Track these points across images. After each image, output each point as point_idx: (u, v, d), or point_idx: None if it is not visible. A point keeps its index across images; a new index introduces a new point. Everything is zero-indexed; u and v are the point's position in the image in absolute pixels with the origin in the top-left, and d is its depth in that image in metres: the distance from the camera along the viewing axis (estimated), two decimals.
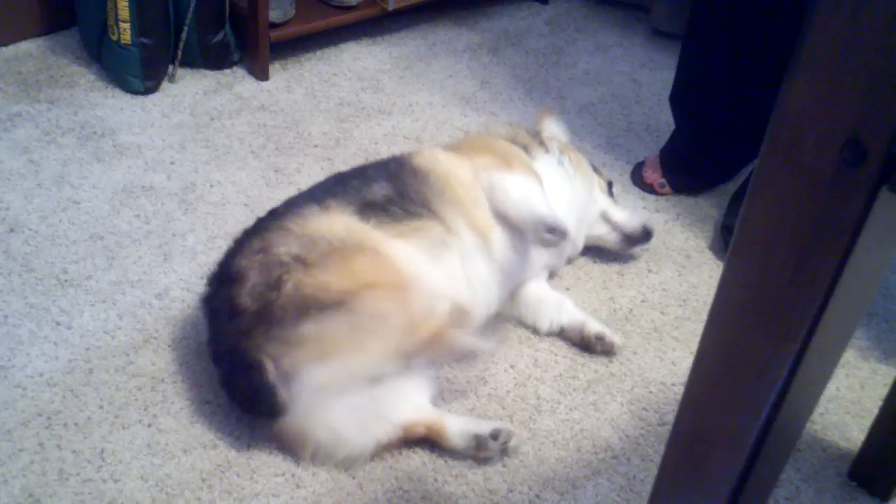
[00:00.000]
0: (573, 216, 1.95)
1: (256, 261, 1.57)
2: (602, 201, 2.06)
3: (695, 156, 2.28)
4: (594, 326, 1.83)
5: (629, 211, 2.11)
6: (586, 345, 1.84)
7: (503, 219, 1.80)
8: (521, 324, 1.90)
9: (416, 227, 1.70)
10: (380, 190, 1.73)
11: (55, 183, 2.15)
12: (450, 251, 1.72)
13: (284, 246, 1.58)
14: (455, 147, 1.94)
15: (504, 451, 1.61)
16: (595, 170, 2.12)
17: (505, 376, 1.79)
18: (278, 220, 1.66)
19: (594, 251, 2.10)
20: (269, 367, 1.49)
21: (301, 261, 1.55)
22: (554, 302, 1.89)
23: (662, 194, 2.30)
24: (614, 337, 1.83)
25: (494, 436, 1.57)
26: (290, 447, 1.59)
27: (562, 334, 1.87)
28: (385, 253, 1.62)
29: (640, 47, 2.96)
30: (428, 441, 1.62)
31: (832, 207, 0.75)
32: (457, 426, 1.60)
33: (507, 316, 1.91)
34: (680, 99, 2.27)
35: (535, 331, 1.89)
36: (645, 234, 2.07)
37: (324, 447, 1.56)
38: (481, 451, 1.58)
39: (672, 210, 2.27)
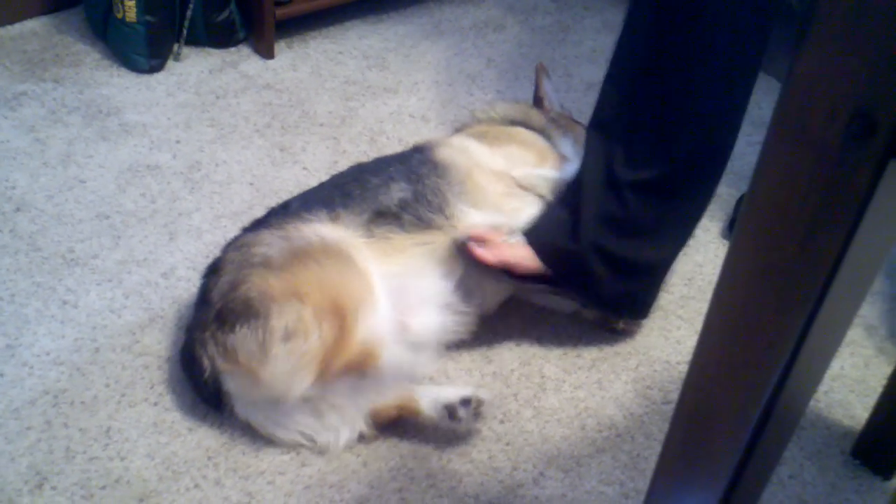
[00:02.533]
0: None
1: (238, 255, 1.58)
2: None
3: None
4: None
5: None
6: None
7: None
8: (544, 304, 1.89)
9: (424, 241, 1.67)
10: (398, 192, 1.70)
11: (61, 162, 2.15)
12: (457, 259, 1.69)
13: (265, 246, 1.57)
14: (481, 135, 1.91)
15: (476, 417, 1.58)
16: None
17: (509, 355, 1.79)
18: (281, 219, 1.65)
19: None
20: (206, 366, 1.51)
21: (266, 263, 1.54)
22: None
23: None
24: None
25: (465, 402, 1.56)
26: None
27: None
28: (353, 268, 1.56)
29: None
30: (404, 419, 1.60)
31: (840, 181, 0.74)
32: (428, 399, 1.58)
33: (524, 297, 1.90)
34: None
35: (552, 311, 1.88)
36: None
37: (290, 442, 1.57)
38: (454, 419, 1.56)
39: None
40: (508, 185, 1.78)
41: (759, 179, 0.81)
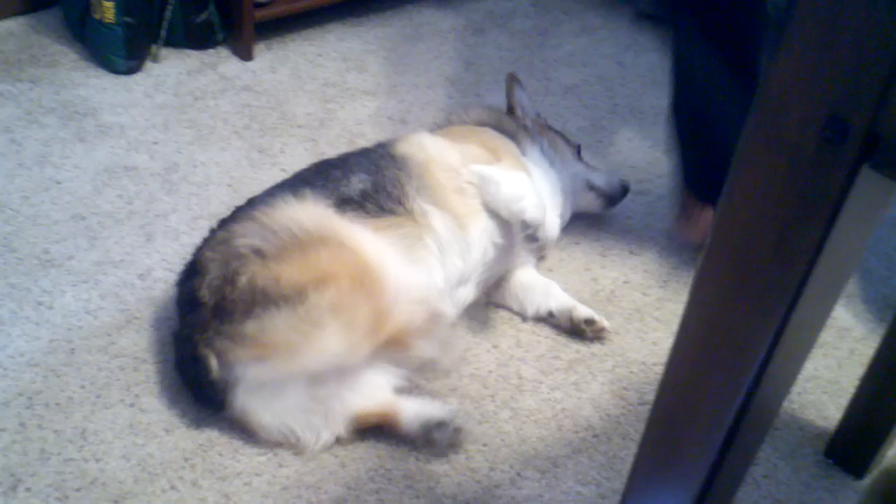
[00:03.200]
0: (560, 197, 1.98)
1: (218, 252, 1.58)
2: (581, 171, 2.09)
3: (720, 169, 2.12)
4: (583, 311, 1.84)
5: (604, 172, 2.15)
6: (576, 330, 1.84)
7: (492, 212, 1.80)
8: (509, 311, 1.91)
9: (391, 224, 1.69)
10: (358, 183, 1.72)
11: (37, 163, 2.14)
12: (423, 247, 1.71)
13: (246, 237, 1.57)
14: (444, 133, 1.94)
15: (454, 440, 1.58)
16: (563, 137, 2.14)
17: (487, 356, 1.79)
18: (249, 210, 1.66)
19: (576, 233, 2.11)
20: (213, 363, 1.51)
21: (259, 253, 1.54)
22: (541, 288, 1.89)
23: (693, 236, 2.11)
24: (604, 321, 1.84)
25: (443, 423, 1.56)
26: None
27: (550, 319, 1.87)
28: (352, 245, 1.59)
29: (625, 30, 2.96)
30: (383, 429, 1.61)
31: (814, 184, 0.76)
32: (410, 413, 1.58)
33: (494, 302, 1.91)
34: (686, 125, 2.03)
35: (521, 317, 1.89)
36: (623, 191, 2.13)
37: (274, 438, 1.57)
38: (431, 437, 1.57)
39: (655, 192, 2.28)
40: (459, 182, 1.80)
41: (734, 182, 0.82)
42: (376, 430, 1.60)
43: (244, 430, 1.58)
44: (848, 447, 1.63)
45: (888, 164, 0.73)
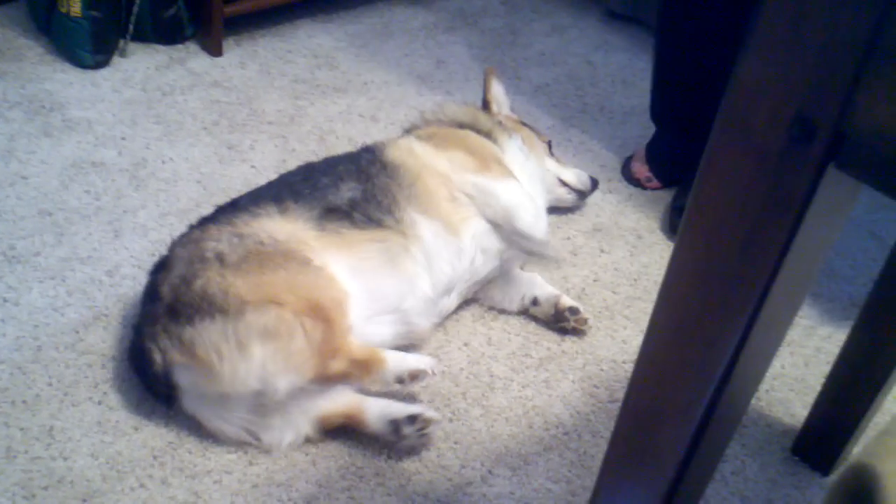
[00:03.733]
0: (539, 193, 2.00)
1: (187, 251, 1.57)
2: (553, 167, 2.11)
3: (681, 153, 2.28)
4: (568, 301, 1.86)
5: (573, 169, 2.17)
6: (559, 318, 1.85)
7: (491, 222, 1.82)
8: (491, 303, 1.91)
9: (374, 238, 1.67)
10: (347, 192, 1.70)
11: (2, 158, 2.11)
12: (409, 258, 1.70)
13: (215, 241, 1.56)
14: (428, 137, 1.92)
15: (422, 437, 1.57)
16: (535, 132, 2.15)
17: (458, 354, 1.79)
18: (229, 214, 1.64)
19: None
20: (157, 358, 1.50)
21: (221, 259, 1.53)
22: (526, 278, 1.90)
23: (651, 188, 2.31)
24: (587, 314, 1.85)
25: (410, 421, 1.54)
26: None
27: (534, 307, 1.87)
28: (314, 269, 1.56)
29: (595, 29, 2.98)
30: (349, 428, 1.60)
31: (780, 184, 0.76)
32: (375, 411, 1.57)
33: (476, 296, 1.91)
34: (661, 105, 2.29)
35: (503, 310, 1.90)
36: (594, 185, 2.18)
37: (233, 440, 1.56)
38: (398, 436, 1.55)
39: (624, 191, 2.29)
40: (451, 190, 1.80)
41: (702, 182, 0.83)
42: (343, 429, 1.60)
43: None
44: (814, 444, 1.65)
45: (854, 164, 0.73)
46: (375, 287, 1.64)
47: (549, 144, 2.17)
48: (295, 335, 1.47)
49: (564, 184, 2.12)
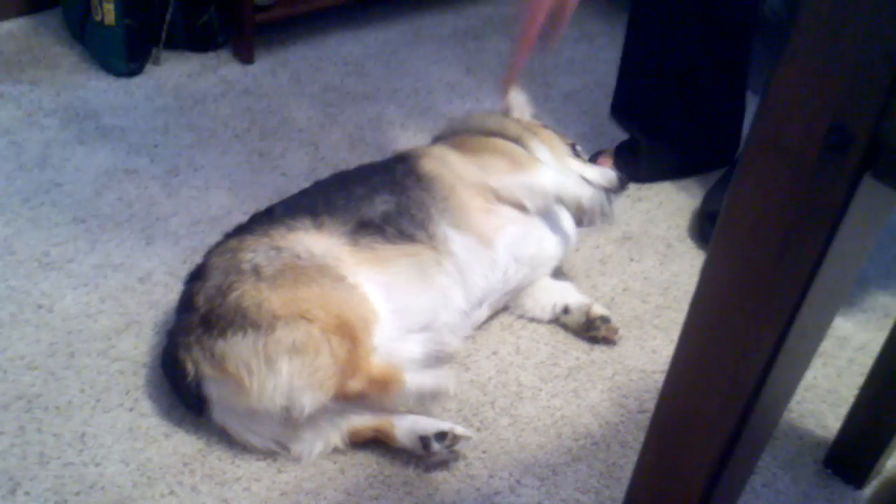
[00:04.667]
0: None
1: (224, 261, 1.58)
2: (576, 167, 2.09)
3: (649, 156, 2.31)
4: (600, 309, 1.85)
5: (598, 168, 2.14)
6: (590, 327, 1.84)
7: (543, 214, 1.85)
8: (521, 311, 1.90)
9: (407, 252, 1.67)
10: (381, 205, 1.70)
11: (37, 165, 2.14)
12: (442, 273, 1.70)
13: (252, 252, 1.57)
14: (460, 145, 1.92)
15: (451, 453, 1.57)
16: (558, 134, 2.14)
17: (487, 363, 1.79)
18: (266, 225, 1.65)
19: (576, 240, 2.11)
20: (190, 369, 1.51)
21: (257, 272, 1.53)
22: (558, 287, 1.90)
23: None
24: (618, 324, 1.85)
25: (440, 437, 1.54)
26: None
27: (565, 316, 1.86)
28: (348, 286, 1.56)
29: (624, 36, 2.96)
30: (378, 442, 1.60)
31: (816, 193, 0.76)
32: (404, 426, 1.57)
33: (506, 306, 1.91)
34: (624, 111, 2.32)
35: (533, 318, 1.89)
36: (621, 183, 2.11)
37: (263, 450, 1.56)
38: (427, 452, 1.55)
39: (654, 199, 2.28)
40: (488, 200, 1.79)
41: (736, 191, 0.83)
42: (374, 441, 1.60)
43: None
44: (847, 457, 1.63)
45: (890, 174, 0.73)
46: (408, 304, 1.64)
47: (574, 147, 2.16)
48: (321, 352, 1.47)
49: (590, 182, 2.09)
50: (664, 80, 2.20)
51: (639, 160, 2.30)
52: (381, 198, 1.71)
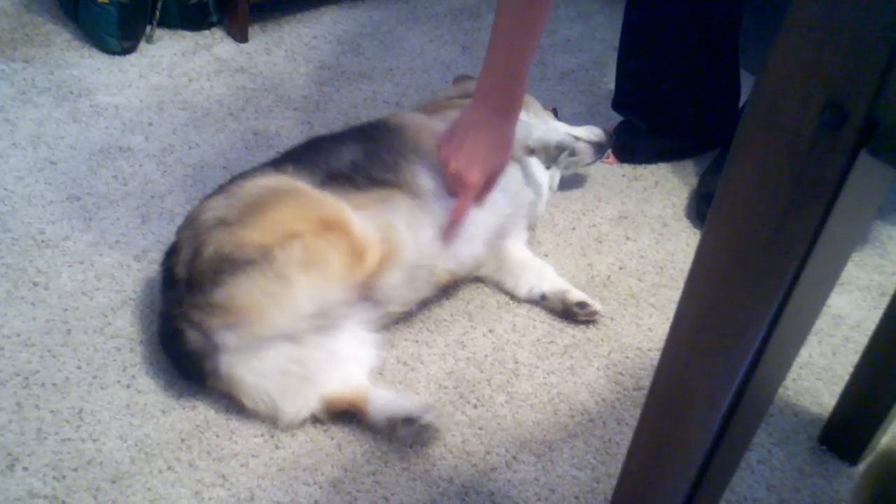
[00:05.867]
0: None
1: (191, 229, 1.59)
2: (561, 127, 2.10)
3: (647, 138, 2.32)
4: (576, 295, 1.84)
5: (584, 126, 2.16)
6: (568, 313, 1.84)
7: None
8: (500, 288, 1.91)
9: (380, 198, 1.68)
10: (348, 154, 1.72)
11: (31, 143, 2.13)
12: (417, 215, 1.71)
13: (212, 210, 1.58)
14: (430, 111, 1.96)
15: (418, 440, 1.56)
16: (535, 100, 2.15)
17: (483, 340, 1.80)
18: (225, 185, 1.68)
19: (572, 218, 2.11)
20: (190, 335, 1.52)
21: (223, 221, 1.55)
22: (536, 269, 1.89)
23: (607, 163, 2.32)
24: (596, 304, 1.84)
25: (408, 422, 1.54)
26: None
27: (542, 302, 1.87)
28: (311, 193, 1.60)
29: (621, 15, 2.94)
30: (353, 414, 1.60)
31: (812, 170, 0.76)
32: (378, 404, 1.56)
33: (487, 279, 1.91)
34: (625, 101, 2.35)
35: (512, 296, 1.89)
36: (609, 138, 2.16)
37: (254, 403, 1.57)
38: (394, 435, 1.55)
39: (650, 178, 2.28)
40: None
41: (732, 168, 0.83)
42: (346, 415, 1.60)
43: (238, 410, 1.59)
44: (842, 433, 1.64)
45: (886, 150, 0.73)
46: (386, 237, 1.65)
47: (555, 111, 2.17)
48: (326, 251, 1.52)
49: (578, 139, 2.09)
50: (661, 62, 2.20)
51: (636, 142, 2.30)
52: (348, 149, 1.73)
